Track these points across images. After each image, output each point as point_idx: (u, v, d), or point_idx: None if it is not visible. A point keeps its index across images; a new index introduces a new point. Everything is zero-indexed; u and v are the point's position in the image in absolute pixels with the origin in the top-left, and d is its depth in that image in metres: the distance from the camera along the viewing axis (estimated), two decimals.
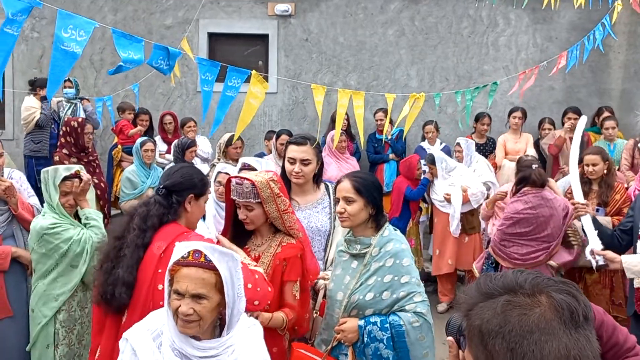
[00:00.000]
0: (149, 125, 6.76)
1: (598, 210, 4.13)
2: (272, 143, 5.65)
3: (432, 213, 5.75)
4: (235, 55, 7.48)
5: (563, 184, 4.87)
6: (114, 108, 6.64)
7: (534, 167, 4.09)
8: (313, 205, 2.99)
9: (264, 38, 7.62)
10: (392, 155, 6.82)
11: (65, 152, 4.99)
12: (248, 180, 2.40)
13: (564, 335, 0.92)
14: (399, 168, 5.93)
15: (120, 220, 2.40)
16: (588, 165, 4.19)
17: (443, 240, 5.40)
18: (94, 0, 7.56)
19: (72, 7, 7.11)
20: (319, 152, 3.05)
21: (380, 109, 6.93)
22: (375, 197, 2.45)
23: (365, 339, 2.34)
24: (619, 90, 7.44)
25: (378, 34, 7.56)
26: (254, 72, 2.91)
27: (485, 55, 7.53)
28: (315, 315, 2.66)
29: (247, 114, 2.85)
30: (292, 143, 2.99)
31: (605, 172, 4.20)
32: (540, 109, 7.33)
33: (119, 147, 6.49)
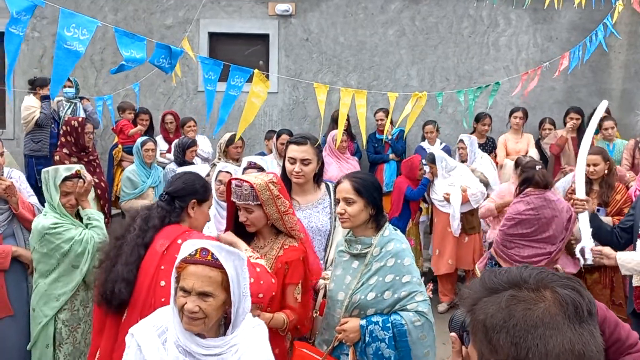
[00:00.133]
0: (150, 125, 6.77)
1: (599, 211, 4.13)
2: (272, 143, 5.65)
3: (432, 213, 5.76)
4: (236, 55, 7.46)
5: (563, 185, 4.86)
6: (114, 107, 6.65)
7: (538, 168, 4.09)
8: (313, 205, 2.99)
9: (265, 38, 7.62)
10: (392, 156, 6.82)
11: (66, 151, 4.99)
12: (247, 183, 2.40)
13: (568, 330, 0.92)
14: (401, 168, 5.93)
15: (122, 222, 2.42)
16: (589, 165, 4.17)
17: (442, 240, 5.40)
18: (95, 0, 7.56)
19: (73, 6, 7.10)
20: (320, 151, 3.06)
21: (381, 109, 6.93)
22: (375, 197, 2.45)
23: (367, 339, 2.34)
24: (620, 90, 7.44)
25: (378, 34, 7.56)
26: (257, 71, 2.91)
27: (486, 55, 7.53)
28: (315, 315, 2.66)
29: (249, 113, 2.85)
30: (292, 143, 2.98)
31: (606, 172, 4.20)
32: (541, 109, 7.33)
33: (120, 146, 6.49)
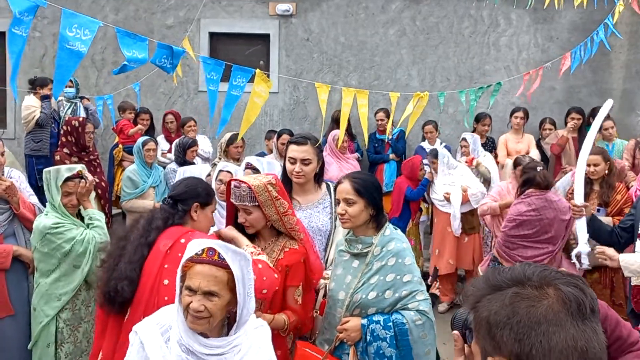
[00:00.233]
0: (150, 125, 6.77)
1: (599, 211, 4.14)
2: (272, 142, 5.66)
3: (432, 213, 5.75)
4: (237, 55, 7.47)
5: (563, 185, 4.86)
6: (115, 107, 6.65)
7: (539, 169, 4.09)
8: (314, 205, 2.99)
9: (265, 38, 7.63)
10: (392, 156, 6.82)
11: (66, 151, 5.00)
12: (245, 184, 2.40)
13: (571, 327, 0.93)
14: (402, 168, 5.93)
15: (125, 225, 2.44)
16: (589, 166, 4.17)
17: (442, 240, 5.40)
18: (95, 0, 7.57)
19: (73, 6, 7.11)
20: (320, 151, 3.06)
21: (381, 109, 6.93)
22: (376, 197, 2.45)
23: (368, 338, 2.34)
24: (620, 90, 7.44)
25: (379, 34, 7.56)
26: (258, 71, 2.91)
27: (487, 55, 7.53)
28: (316, 315, 2.67)
29: (251, 113, 2.86)
30: (292, 143, 2.99)
31: (607, 172, 4.20)
32: (541, 109, 7.32)
33: (120, 146, 6.49)
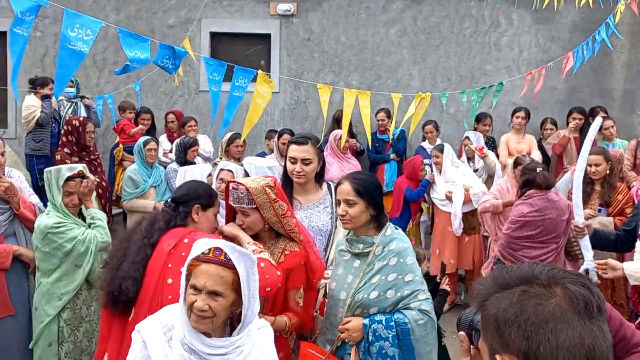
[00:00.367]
0: (151, 124, 6.77)
1: (600, 211, 4.13)
2: (273, 142, 5.66)
3: (433, 213, 5.75)
4: (238, 55, 7.47)
5: (563, 185, 4.86)
6: (115, 107, 6.65)
7: (539, 170, 4.09)
8: (315, 205, 2.99)
9: (266, 38, 7.63)
10: (393, 156, 6.82)
11: (67, 151, 5.01)
12: (243, 186, 2.41)
13: (579, 325, 0.94)
14: (403, 168, 5.93)
15: (126, 225, 2.46)
16: (590, 166, 4.17)
17: (443, 240, 5.40)
18: (97, 0, 7.57)
19: (74, 6, 7.11)
20: (321, 151, 3.06)
21: (382, 109, 6.93)
22: (376, 197, 2.45)
23: (371, 338, 2.33)
24: (621, 90, 7.44)
25: (380, 34, 7.56)
26: (260, 71, 2.91)
27: (488, 55, 7.52)
28: (316, 314, 2.67)
29: (254, 114, 2.86)
30: (293, 142, 2.99)
31: (608, 172, 4.20)
32: (542, 109, 7.32)
33: (121, 146, 6.49)
